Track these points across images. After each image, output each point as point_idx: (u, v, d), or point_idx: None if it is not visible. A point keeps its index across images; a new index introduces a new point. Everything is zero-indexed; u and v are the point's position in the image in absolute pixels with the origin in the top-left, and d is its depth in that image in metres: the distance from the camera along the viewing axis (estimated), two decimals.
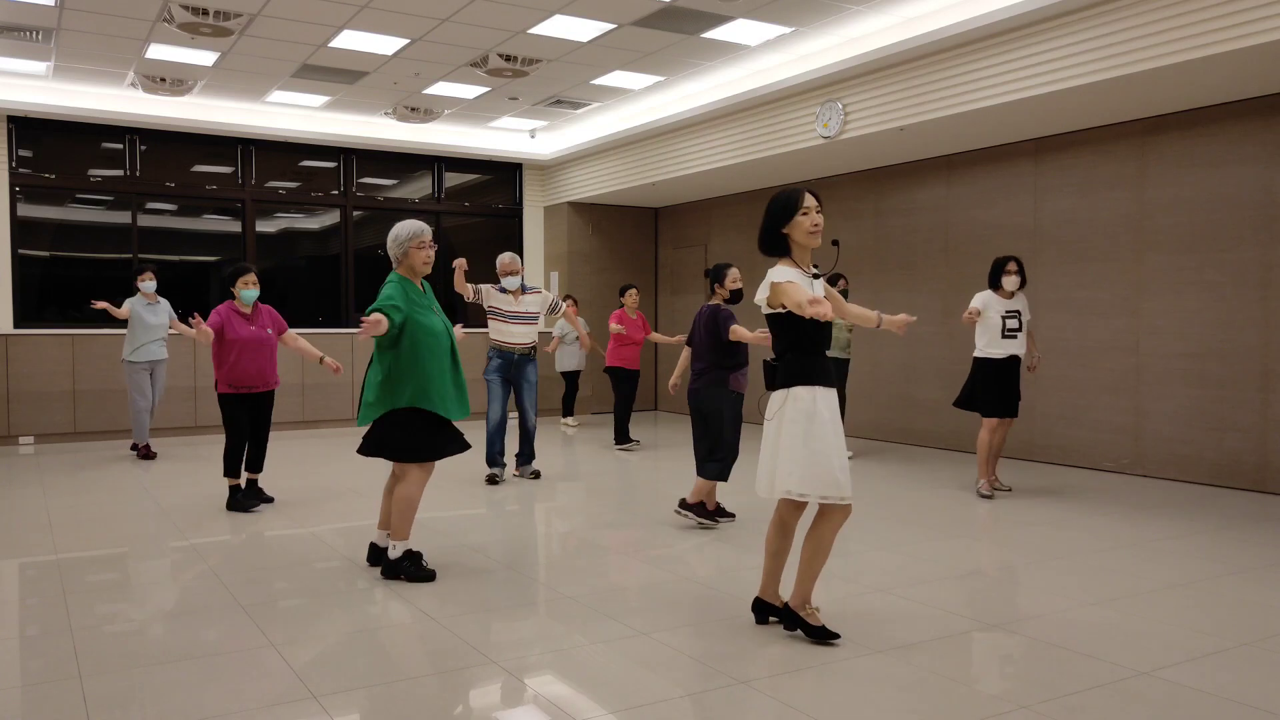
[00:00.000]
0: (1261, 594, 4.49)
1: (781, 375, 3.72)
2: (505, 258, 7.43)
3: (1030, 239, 8.65)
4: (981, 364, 6.83)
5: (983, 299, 6.79)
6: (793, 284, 3.57)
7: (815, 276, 3.74)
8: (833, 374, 3.76)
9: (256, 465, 6.66)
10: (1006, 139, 8.66)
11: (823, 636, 3.74)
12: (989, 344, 6.77)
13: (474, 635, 3.90)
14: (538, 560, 5.41)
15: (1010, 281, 6.72)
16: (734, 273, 5.97)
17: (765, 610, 3.96)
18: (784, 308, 3.65)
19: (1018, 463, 8.52)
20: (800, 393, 3.66)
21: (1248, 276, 7.17)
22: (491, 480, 7.45)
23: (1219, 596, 4.46)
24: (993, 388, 6.78)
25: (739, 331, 5.75)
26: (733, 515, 6.02)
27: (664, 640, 3.81)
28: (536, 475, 7.69)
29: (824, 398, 3.66)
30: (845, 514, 3.71)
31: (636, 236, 13.49)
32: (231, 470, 6.48)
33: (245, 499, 6.48)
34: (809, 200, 3.67)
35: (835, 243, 3.75)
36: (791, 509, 3.81)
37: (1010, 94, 7.21)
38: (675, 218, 13.23)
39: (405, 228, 4.74)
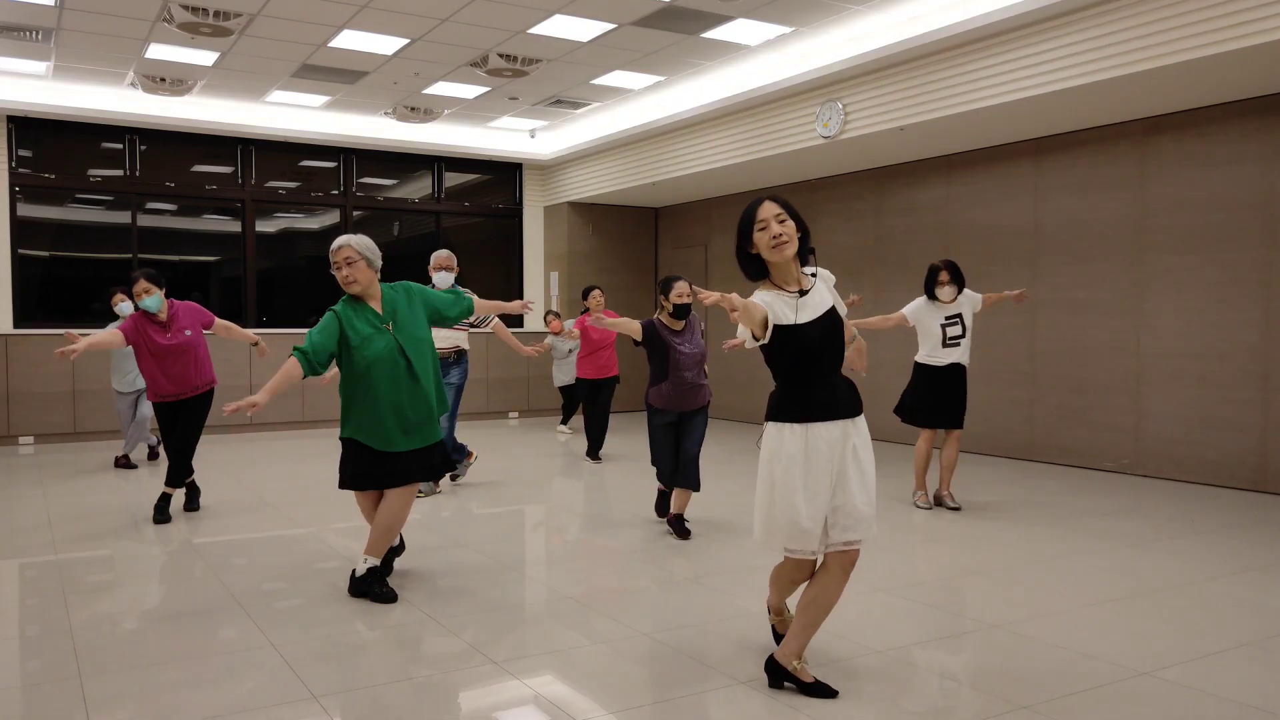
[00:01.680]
0: (1261, 594, 4.49)
1: (767, 409, 3.32)
2: (440, 253, 7.02)
3: (1030, 239, 8.65)
4: (921, 371, 6.51)
5: (914, 310, 6.42)
6: (750, 304, 3.14)
7: (803, 293, 3.21)
8: (830, 403, 3.19)
9: (175, 478, 6.12)
10: (1006, 139, 8.65)
11: (818, 693, 3.24)
12: (930, 352, 6.44)
13: (474, 635, 3.90)
14: (537, 561, 5.42)
15: (945, 293, 6.31)
16: (680, 287, 5.50)
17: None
18: (758, 337, 3.20)
19: (1018, 463, 8.52)
20: (770, 430, 3.25)
21: (1248, 276, 7.17)
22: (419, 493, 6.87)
23: (1219, 596, 4.46)
24: (929, 397, 6.45)
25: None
26: (679, 534, 5.63)
27: (664, 640, 3.81)
28: (434, 488, 7.05)
29: (797, 438, 3.16)
30: (847, 565, 3.22)
31: (636, 236, 13.49)
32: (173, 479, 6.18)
33: (155, 512, 6.10)
34: (764, 211, 3.22)
35: (811, 251, 3.35)
36: (794, 563, 3.31)
37: (1010, 94, 7.21)
38: (675, 218, 13.23)
39: None
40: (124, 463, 8.52)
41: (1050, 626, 3.98)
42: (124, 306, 8.03)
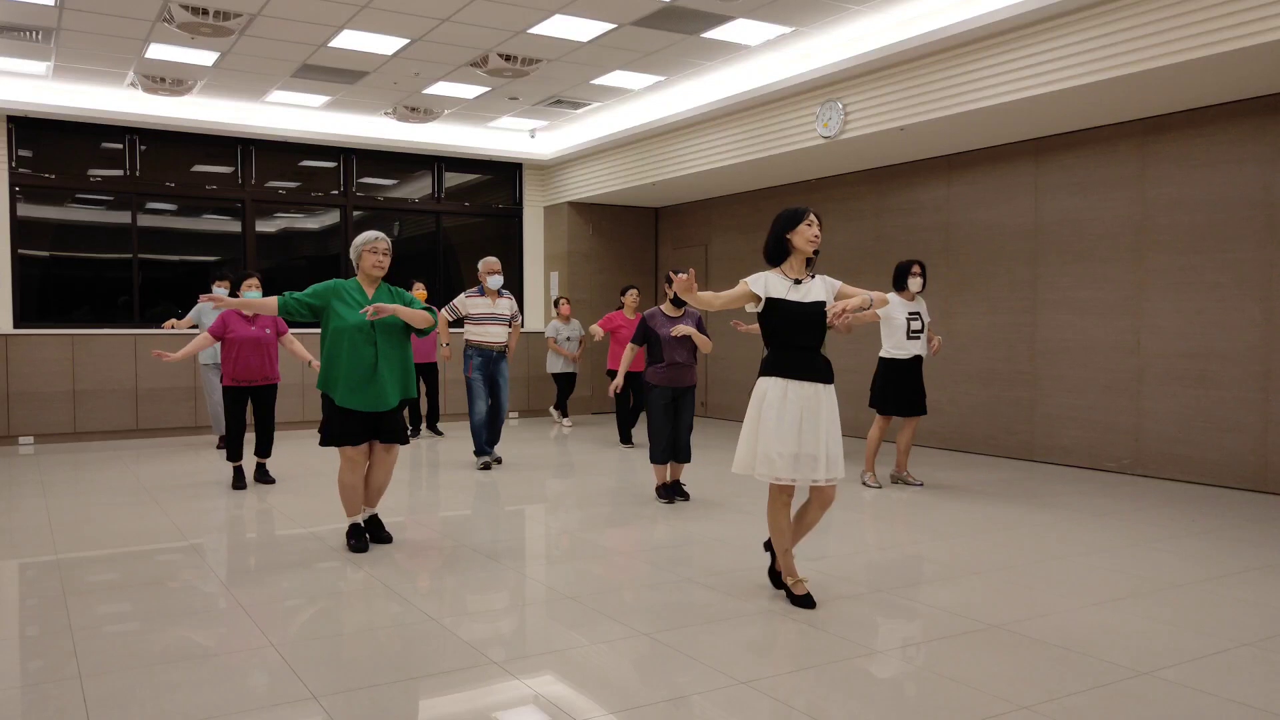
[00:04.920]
0: (1261, 594, 4.49)
1: (760, 369, 4.21)
2: (491, 259, 8.08)
3: (1030, 239, 8.65)
4: (887, 364, 7.08)
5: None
6: (742, 282, 4.16)
7: (798, 282, 4.14)
8: (808, 367, 4.07)
9: (264, 450, 7.24)
10: (1006, 139, 8.65)
11: (802, 603, 4.17)
12: (895, 345, 7.04)
13: (474, 635, 3.90)
14: (537, 560, 5.42)
15: (915, 283, 6.99)
16: (680, 278, 6.19)
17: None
18: (757, 307, 4.16)
19: (1018, 463, 8.53)
20: (759, 383, 4.15)
21: (1248, 276, 7.17)
22: (485, 467, 8.02)
23: (1219, 596, 4.46)
24: (892, 388, 7.06)
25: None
26: (680, 498, 6.51)
27: (664, 640, 3.81)
28: (498, 460, 8.21)
29: (778, 388, 4.06)
30: (824, 500, 4.19)
31: (636, 236, 13.49)
32: (232, 455, 7.20)
33: (255, 477, 7.21)
34: (812, 216, 4.17)
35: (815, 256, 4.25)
36: (775, 490, 4.19)
37: (1010, 94, 7.21)
38: (675, 218, 13.23)
39: (361, 235, 5.21)
40: (222, 444, 9.14)
41: (1050, 626, 3.98)
42: (219, 291, 8.86)
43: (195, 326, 9.13)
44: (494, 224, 13.18)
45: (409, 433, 5.34)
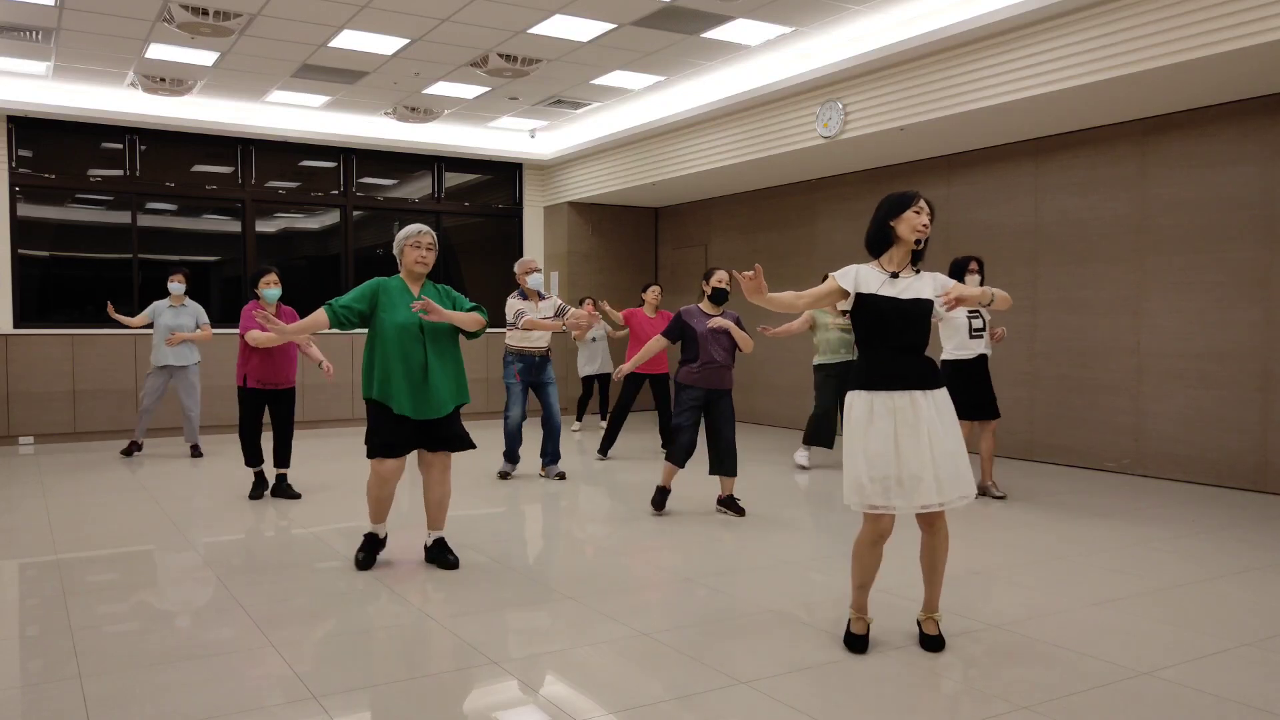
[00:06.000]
0: (1262, 594, 4.49)
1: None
2: (526, 259, 7.65)
3: (1030, 239, 8.65)
4: (953, 367, 6.60)
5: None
6: (829, 277, 3.69)
7: (895, 275, 3.63)
8: (900, 374, 3.53)
9: (284, 460, 6.84)
10: (1006, 139, 8.65)
11: (928, 646, 3.69)
12: (958, 346, 6.65)
13: (474, 635, 3.90)
14: (539, 560, 5.42)
15: (973, 280, 6.54)
16: (719, 274, 6.22)
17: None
18: (847, 303, 3.66)
19: (1017, 463, 8.52)
20: (847, 397, 3.64)
21: (1248, 276, 7.17)
22: (503, 476, 7.71)
23: (1219, 596, 4.46)
24: (963, 391, 6.49)
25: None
26: (734, 513, 6.16)
27: (664, 640, 3.81)
28: (562, 476, 7.67)
29: (863, 404, 3.53)
30: (932, 524, 3.63)
31: (636, 236, 13.49)
32: (252, 461, 6.85)
33: (273, 493, 6.79)
34: (923, 203, 3.69)
35: (922, 251, 3.75)
36: (869, 520, 3.60)
37: (1010, 94, 7.21)
38: (675, 218, 13.23)
39: (404, 229, 4.85)
40: (129, 449, 8.87)
41: (1050, 626, 3.98)
42: (175, 286, 8.67)
43: (149, 326, 8.72)
44: (494, 224, 13.18)
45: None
